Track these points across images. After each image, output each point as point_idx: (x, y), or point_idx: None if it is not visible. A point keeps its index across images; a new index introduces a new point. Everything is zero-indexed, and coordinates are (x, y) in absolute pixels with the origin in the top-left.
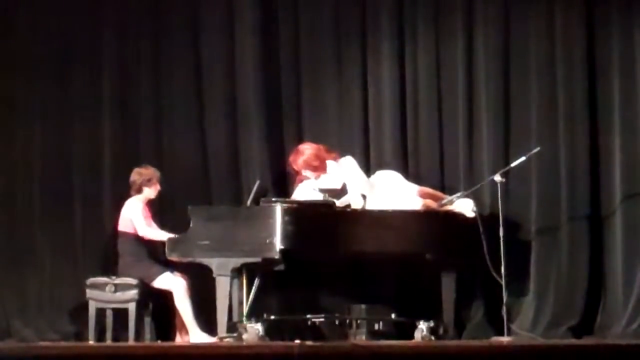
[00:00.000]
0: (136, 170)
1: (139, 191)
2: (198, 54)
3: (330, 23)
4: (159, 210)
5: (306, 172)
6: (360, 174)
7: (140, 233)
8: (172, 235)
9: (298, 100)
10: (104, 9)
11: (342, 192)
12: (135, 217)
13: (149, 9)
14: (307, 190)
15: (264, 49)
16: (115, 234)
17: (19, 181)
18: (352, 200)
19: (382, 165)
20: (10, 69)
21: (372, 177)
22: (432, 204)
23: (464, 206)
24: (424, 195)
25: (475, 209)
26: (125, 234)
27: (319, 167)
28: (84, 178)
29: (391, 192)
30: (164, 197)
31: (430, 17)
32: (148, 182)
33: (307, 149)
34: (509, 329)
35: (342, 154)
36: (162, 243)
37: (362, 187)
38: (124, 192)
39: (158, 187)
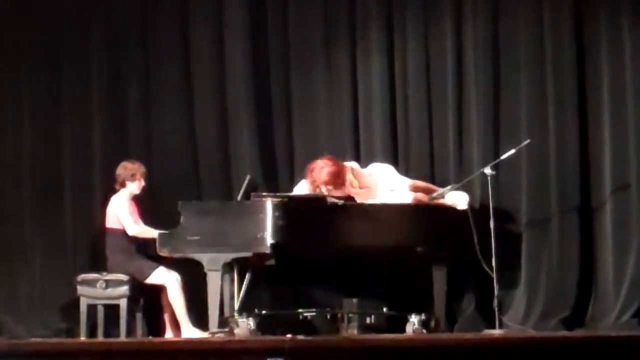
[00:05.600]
0: (122, 164)
1: (123, 185)
2: (187, 48)
3: (320, 17)
4: (148, 206)
5: (327, 187)
6: (376, 179)
7: (130, 233)
8: (162, 231)
9: (287, 95)
10: (93, 5)
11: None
12: (122, 215)
13: (138, 3)
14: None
15: (253, 44)
16: (104, 230)
17: (9, 177)
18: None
19: (372, 159)
20: None
21: (365, 170)
22: (424, 197)
23: (459, 199)
24: (416, 189)
25: (468, 202)
26: (113, 230)
27: (337, 183)
28: (73, 174)
29: (383, 186)
30: (154, 192)
31: (419, 10)
32: (131, 177)
33: (331, 166)
34: (500, 321)
35: (333, 148)
36: (153, 239)
37: (383, 195)
38: (114, 188)
39: (142, 183)
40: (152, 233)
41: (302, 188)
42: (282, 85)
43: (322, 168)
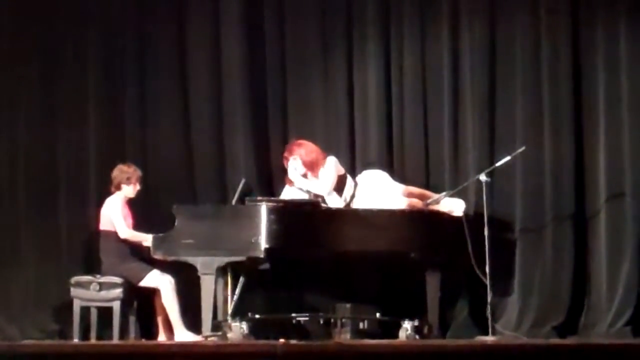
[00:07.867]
0: (118, 166)
1: (118, 188)
2: (183, 52)
3: (316, 22)
4: (143, 209)
5: (296, 163)
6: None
7: (122, 236)
8: (156, 234)
9: (283, 99)
10: (89, 7)
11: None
12: (115, 218)
13: (134, 7)
14: (294, 192)
15: (249, 48)
16: (98, 232)
17: (3, 179)
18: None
19: (367, 164)
20: None
21: (359, 176)
22: (418, 203)
23: (454, 206)
24: (410, 195)
25: (463, 209)
26: (107, 232)
27: (312, 164)
28: (68, 176)
29: (377, 192)
30: (149, 196)
31: (416, 16)
32: (127, 180)
33: (307, 144)
34: (493, 328)
35: (329, 153)
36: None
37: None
38: (109, 190)
39: (137, 186)
40: (143, 238)
41: (287, 193)
42: (278, 90)
43: (293, 146)
